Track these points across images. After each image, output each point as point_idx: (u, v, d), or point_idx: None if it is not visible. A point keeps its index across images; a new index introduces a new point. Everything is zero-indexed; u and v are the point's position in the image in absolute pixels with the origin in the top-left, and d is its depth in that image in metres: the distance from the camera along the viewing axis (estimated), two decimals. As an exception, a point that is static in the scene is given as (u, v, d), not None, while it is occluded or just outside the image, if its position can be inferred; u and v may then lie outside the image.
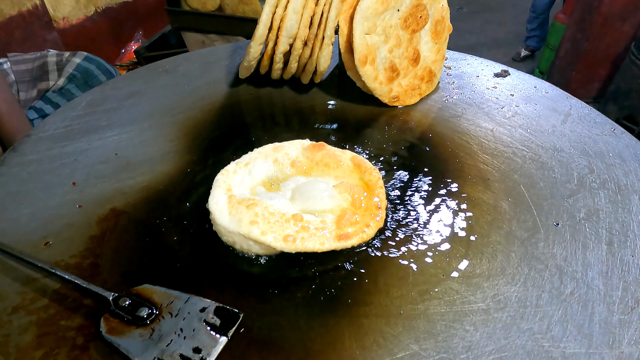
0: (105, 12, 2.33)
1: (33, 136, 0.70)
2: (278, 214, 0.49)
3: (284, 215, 0.49)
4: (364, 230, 0.50)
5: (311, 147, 0.59)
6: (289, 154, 0.59)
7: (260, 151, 0.60)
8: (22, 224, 0.55)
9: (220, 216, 0.50)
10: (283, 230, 0.48)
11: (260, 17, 0.71)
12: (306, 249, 0.48)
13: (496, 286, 0.47)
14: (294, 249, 0.47)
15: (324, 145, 0.60)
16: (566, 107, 0.74)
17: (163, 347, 0.40)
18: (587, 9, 2.39)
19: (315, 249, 0.48)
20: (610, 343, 0.42)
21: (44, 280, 0.48)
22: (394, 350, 0.42)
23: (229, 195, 0.53)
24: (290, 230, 0.48)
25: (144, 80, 0.85)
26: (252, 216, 0.49)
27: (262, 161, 0.58)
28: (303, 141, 0.61)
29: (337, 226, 0.50)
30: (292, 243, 0.47)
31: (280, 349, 0.42)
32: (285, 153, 0.59)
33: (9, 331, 0.43)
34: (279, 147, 0.60)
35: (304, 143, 0.61)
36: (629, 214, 0.55)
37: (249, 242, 0.49)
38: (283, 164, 0.58)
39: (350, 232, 0.49)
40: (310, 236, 0.48)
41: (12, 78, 1.16)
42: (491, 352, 0.41)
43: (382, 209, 0.53)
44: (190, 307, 0.43)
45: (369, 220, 0.51)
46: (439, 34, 0.79)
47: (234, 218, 0.49)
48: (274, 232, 0.48)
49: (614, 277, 0.48)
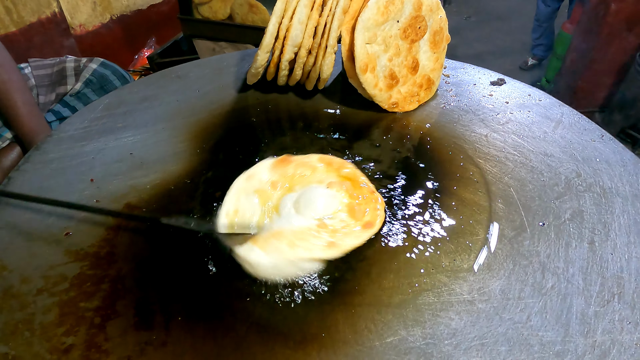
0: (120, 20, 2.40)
1: (55, 136, 0.75)
2: (304, 231, 0.51)
3: (310, 229, 0.51)
4: (377, 213, 0.53)
5: (277, 164, 0.59)
6: (261, 179, 0.58)
7: (238, 189, 0.57)
8: (45, 215, 0.59)
9: (260, 258, 0.50)
10: (319, 240, 0.50)
11: (267, 27, 0.76)
12: (349, 247, 0.50)
13: (482, 280, 0.50)
14: (341, 252, 0.50)
15: (288, 158, 0.59)
16: (558, 115, 0.77)
17: None
18: (593, 19, 2.41)
19: (355, 244, 0.51)
20: (585, 332, 0.45)
21: (65, 267, 0.52)
22: (384, 336, 0.45)
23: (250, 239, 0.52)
24: (326, 237, 0.51)
25: (157, 85, 0.90)
26: (286, 242, 0.50)
27: (245, 199, 0.56)
28: (267, 160, 0.60)
29: (356, 219, 0.53)
30: (337, 248, 0.50)
31: (279, 333, 0.46)
32: (258, 180, 0.58)
33: (34, 310, 0.47)
34: (251, 175, 0.58)
35: (269, 162, 0.59)
36: (611, 215, 0.58)
37: (293, 265, 0.50)
38: (265, 190, 0.57)
39: (369, 220, 0.53)
40: (345, 235, 0.51)
41: (32, 82, 1.22)
42: (474, 339, 0.45)
43: (375, 191, 0.56)
44: None
45: (375, 204, 0.55)
46: (438, 43, 0.83)
47: (273, 253, 0.50)
48: (314, 246, 0.50)
49: (593, 273, 0.51)
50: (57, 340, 0.45)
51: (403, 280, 0.51)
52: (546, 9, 3.07)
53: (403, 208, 0.60)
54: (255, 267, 0.50)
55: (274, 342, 0.45)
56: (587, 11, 2.47)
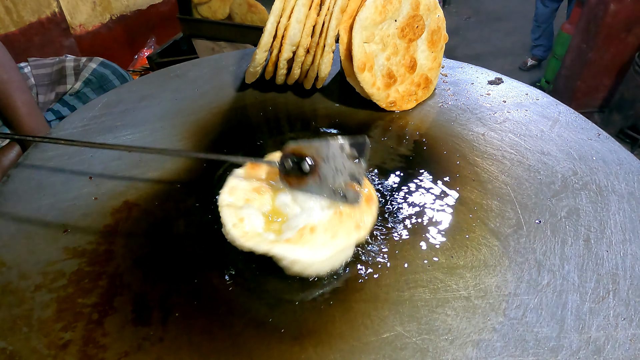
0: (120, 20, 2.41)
1: (54, 134, 0.75)
2: (332, 220, 0.51)
3: (333, 217, 0.51)
4: (364, 190, 0.54)
5: (249, 170, 0.57)
6: (244, 188, 0.56)
7: (227, 205, 0.54)
8: (44, 212, 0.59)
9: (310, 255, 0.48)
10: (346, 225, 0.50)
11: (265, 26, 0.76)
12: (370, 225, 0.52)
13: (478, 276, 0.51)
14: (367, 231, 0.51)
15: (254, 164, 0.58)
16: (555, 114, 0.78)
17: (330, 183, 0.51)
18: (592, 20, 2.42)
19: (374, 219, 0.52)
20: (579, 328, 0.45)
21: (63, 263, 0.52)
22: (380, 331, 0.45)
23: (285, 240, 0.50)
24: (349, 222, 0.50)
25: (156, 84, 0.90)
26: (327, 234, 0.49)
27: (250, 212, 0.53)
28: (237, 170, 0.58)
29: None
30: (363, 227, 0.51)
31: (276, 329, 0.46)
32: (241, 190, 0.55)
33: (32, 306, 0.47)
34: (233, 188, 0.55)
35: (240, 172, 0.58)
36: (607, 213, 0.58)
37: (341, 254, 0.51)
38: (255, 198, 0.55)
39: (368, 193, 0.54)
40: (360, 215, 0.52)
41: (32, 81, 1.22)
42: (469, 335, 0.45)
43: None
44: (332, 150, 0.51)
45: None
46: (435, 43, 0.83)
47: (320, 247, 0.49)
48: (349, 230, 0.50)
49: (588, 270, 0.51)
50: (55, 335, 0.45)
51: (399, 276, 0.51)
52: (545, 9, 3.08)
53: (400, 206, 0.60)
54: (309, 266, 0.49)
55: (270, 338, 0.45)
56: (586, 12, 2.48)
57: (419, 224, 0.57)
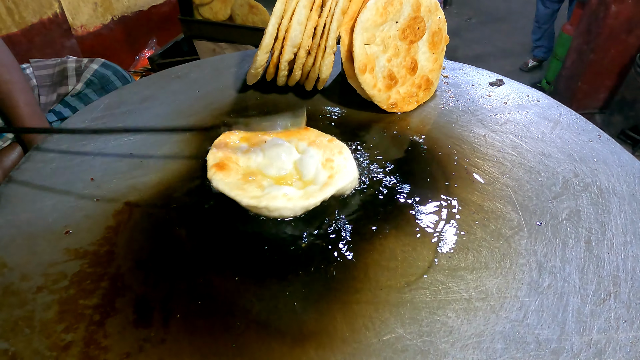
0: (121, 21, 2.41)
1: (55, 136, 0.75)
2: (320, 164, 0.63)
3: (325, 162, 0.63)
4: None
5: (218, 147, 0.67)
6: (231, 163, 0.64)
7: (228, 184, 0.61)
8: (45, 214, 0.60)
9: (322, 194, 0.58)
10: (345, 169, 0.62)
11: (266, 28, 0.76)
12: (353, 166, 0.63)
13: (479, 278, 0.51)
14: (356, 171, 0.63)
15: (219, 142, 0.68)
16: (556, 115, 0.78)
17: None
18: (593, 21, 2.42)
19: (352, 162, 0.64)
20: (581, 331, 0.45)
21: (65, 264, 0.52)
22: (381, 333, 0.45)
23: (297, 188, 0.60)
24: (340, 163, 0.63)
25: (157, 85, 0.91)
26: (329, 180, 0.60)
27: (242, 185, 0.61)
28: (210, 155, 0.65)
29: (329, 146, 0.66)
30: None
31: (276, 330, 0.46)
32: (233, 165, 0.64)
33: (34, 307, 0.48)
34: (222, 166, 0.63)
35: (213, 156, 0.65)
36: (608, 215, 0.58)
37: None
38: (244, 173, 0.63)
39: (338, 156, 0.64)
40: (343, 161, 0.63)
41: (34, 82, 1.23)
42: (470, 337, 0.45)
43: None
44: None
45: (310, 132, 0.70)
46: (436, 44, 0.83)
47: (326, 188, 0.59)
48: (345, 171, 0.62)
49: (589, 272, 0.51)
50: (57, 337, 0.45)
51: (400, 278, 0.51)
52: (545, 10, 3.07)
53: (399, 207, 0.60)
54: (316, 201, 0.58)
55: (271, 340, 0.45)
56: (587, 13, 2.48)
57: (417, 225, 0.57)
